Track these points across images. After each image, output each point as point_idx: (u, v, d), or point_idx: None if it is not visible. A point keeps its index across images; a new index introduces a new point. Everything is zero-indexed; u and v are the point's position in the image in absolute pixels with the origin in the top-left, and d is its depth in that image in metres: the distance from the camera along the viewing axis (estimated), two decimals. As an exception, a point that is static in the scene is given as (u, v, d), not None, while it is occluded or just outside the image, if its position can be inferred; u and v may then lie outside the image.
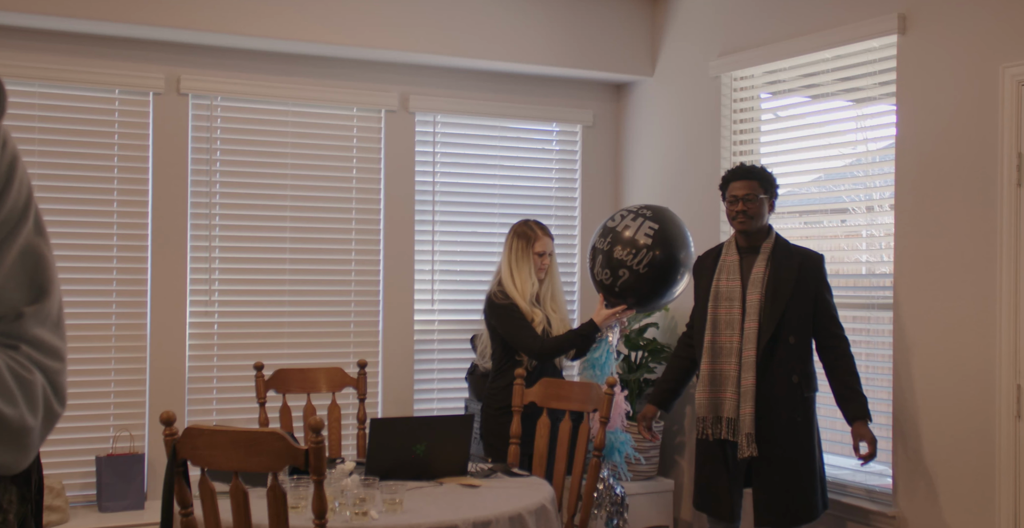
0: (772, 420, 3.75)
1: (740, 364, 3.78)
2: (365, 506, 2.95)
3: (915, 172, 3.94)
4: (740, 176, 3.91)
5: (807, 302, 3.79)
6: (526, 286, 4.23)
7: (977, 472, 3.68)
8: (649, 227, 4.25)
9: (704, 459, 3.93)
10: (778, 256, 3.84)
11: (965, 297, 3.73)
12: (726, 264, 3.91)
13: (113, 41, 4.59)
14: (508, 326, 4.20)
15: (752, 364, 3.73)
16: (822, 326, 3.82)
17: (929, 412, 3.86)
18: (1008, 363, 3.57)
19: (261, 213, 4.92)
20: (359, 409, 4.34)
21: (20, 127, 4.49)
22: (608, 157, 5.73)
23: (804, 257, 3.85)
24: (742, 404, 3.75)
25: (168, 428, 2.73)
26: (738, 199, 3.86)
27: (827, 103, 4.53)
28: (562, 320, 4.33)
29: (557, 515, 3.31)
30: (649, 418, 4.15)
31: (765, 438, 3.75)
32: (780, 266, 3.81)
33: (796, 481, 3.76)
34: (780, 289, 3.77)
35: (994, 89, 3.64)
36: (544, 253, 4.27)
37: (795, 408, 3.76)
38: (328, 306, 5.05)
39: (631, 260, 4.24)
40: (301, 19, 4.68)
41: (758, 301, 3.77)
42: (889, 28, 4.01)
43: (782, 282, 3.78)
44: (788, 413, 3.75)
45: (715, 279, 3.90)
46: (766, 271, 3.81)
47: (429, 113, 5.27)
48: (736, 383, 3.78)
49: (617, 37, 5.39)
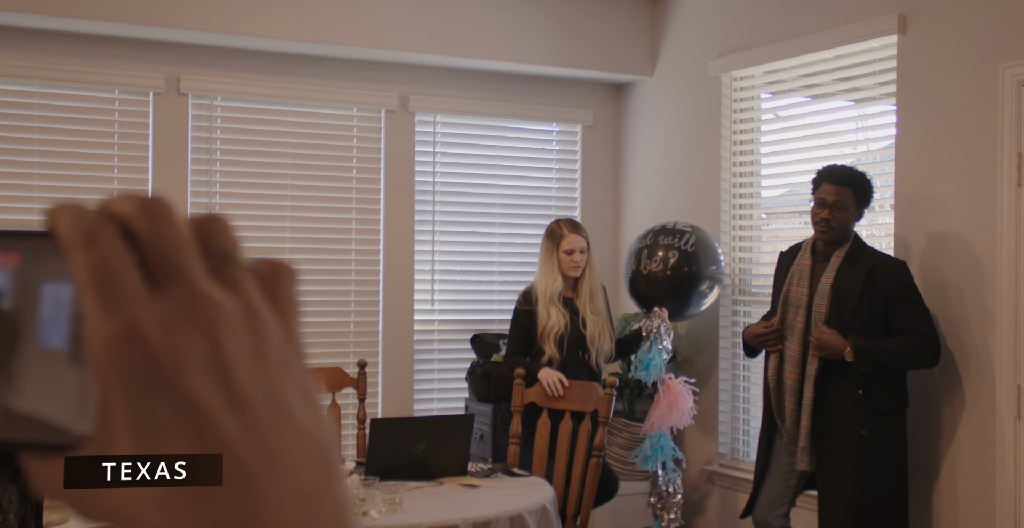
0: (834, 435, 3.52)
1: (803, 375, 3.59)
2: (365, 506, 2.95)
3: (915, 172, 3.93)
4: (835, 180, 3.59)
5: (876, 313, 3.52)
6: (548, 286, 4.18)
7: (977, 472, 3.68)
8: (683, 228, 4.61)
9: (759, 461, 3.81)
10: (848, 266, 3.56)
11: (965, 297, 3.73)
12: (799, 269, 3.68)
13: (113, 41, 4.59)
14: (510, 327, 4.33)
15: (812, 377, 3.54)
16: (897, 326, 3.51)
17: (929, 412, 3.85)
18: (1008, 363, 3.57)
19: (261, 213, 4.92)
20: (359, 409, 4.34)
21: (20, 127, 4.49)
22: (608, 157, 5.73)
23: (877, 265, 3.55)
24: (802, 417, 3.57)
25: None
26: (825, 205, 3.56)
27: (827, 103, 4.53)
28: (598, 320, 4.22)
29: (557, 515, 3.31)
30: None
31: (827, 454, 3.54)
32: (847, 276, 3.55)
33: (861, 500, 3.49)
34: (844, 302, 3.53)
35: (994, 89, 3.63)
36: (573, 250, 4.16)
37: (860, 423, 3.48)
38: (328, 306, 5.05)
39: (677, 242, 4.43)
40: (301, 19, 4.68)
41: (824, 314, 3.56)
42: (889, 28, 4.01)
43: (846, 294, 3.53)
44: (850, 427, 3.49)
45: (787, 283, 3.72)
46: (833, 282, 3.56)
47: (429, 113, 5.26)
48: (797, 394, 3.60)
49: (617, 37, 5.39)
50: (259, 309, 0.38)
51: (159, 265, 0.36)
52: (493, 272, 5.46)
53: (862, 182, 3.61)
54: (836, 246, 3.64)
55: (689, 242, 4.52)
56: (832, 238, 3.61)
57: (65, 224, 0.36)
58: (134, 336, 0.35)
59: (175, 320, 0.35)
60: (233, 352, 0.36)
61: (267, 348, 0.37)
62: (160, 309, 0.35)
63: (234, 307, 0.36)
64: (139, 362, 0.35)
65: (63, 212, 0.36)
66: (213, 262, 0.38)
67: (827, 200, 3.55)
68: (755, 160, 4.86)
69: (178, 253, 0.37)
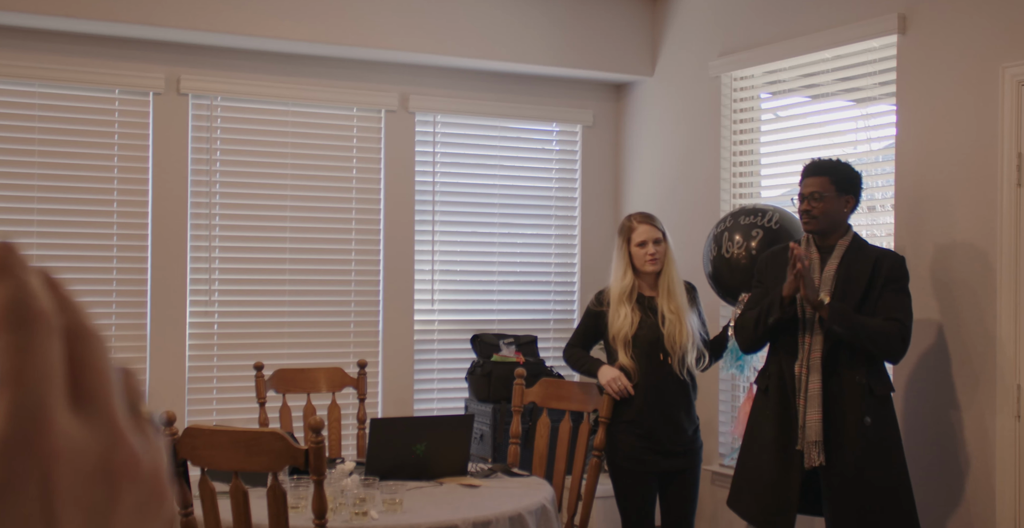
0: (841, 425, 3.43)
1: (809, 366, 3.48)
2: (365, 506, 2.95)
3: (915, 172, 3.93)
4: (809, 172, 3.57)
5: (876, 300, 3.47)
6: (618, 283, 3.86)
7: (977, 472, 3.68)
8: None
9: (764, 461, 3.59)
10: (852, 255, 3.51)
11: (965, 297, 3.73)
12: (809, 261, 3.53)
13: (113, 41, 4.59)
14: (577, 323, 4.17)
15: (818, 366, 3.44)
16: (880, 309, 3.44)
17: (929, 412, 3.85)
18: (1008, 363, 3.57)
19: (261, 213, 4.92)
20: (359, 409, 4.34)
21: (20, 127, 4.49)
22: (608, 157, 5.73)
23: (881, 257, 3.51)
24: (809, 410, 3.44)
25: (168, 428, 2.73)
26: (803, 197, 3.54)
27: (827, 103, 4.53)
28: (674, 318, 3.83)
29: (557, 515, 3.31)
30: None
31: (835, 444, 3.43)
32: (853, 266, 3.49)
33: (870, 493, 3.40)
34: (850, 289, 3.46)
35: (994, 89, 3.64)
36: (646, 242, 3.82)
37: (863, 410, 3.43)
38: (328, 306, 5.05)
39: (761, 220, 4.07)
40: (301, 19, 4.68)
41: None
42: (889, 28, 4.01)
43: (852, 282, 3.47)
44: (856, 415, 3.42)
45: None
46: (837, 269, 3.50)
47: (429, 113, 5.27)
48: (804, 386, 3.47)
49: (617, 37, 5.39)
50: (162, 470, 0.38)
51: (85, 388, 0.36)
52: (493, 272, 5.47)
53: (838, 169, 3.54)
54: (833, 237, 3.56)
55: (773, 219, 4.12)
56: (817, 228, 3.52)
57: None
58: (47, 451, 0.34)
59: (90, 457, 0.35)
60: (128, 502, 0.35)
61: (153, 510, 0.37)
62: (81, 435, 0.35)
63: (146, 460, 0.36)
64: (31, 473, 0.34)
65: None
66: (128, 408, 0.37)
67: (804, 192, 3.53)
68: (755, 160, 4.86)
69: (106, 387, 0.36)
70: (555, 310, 5.59)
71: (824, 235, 3.55)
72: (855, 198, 3.55)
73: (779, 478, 3.51)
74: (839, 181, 3.51)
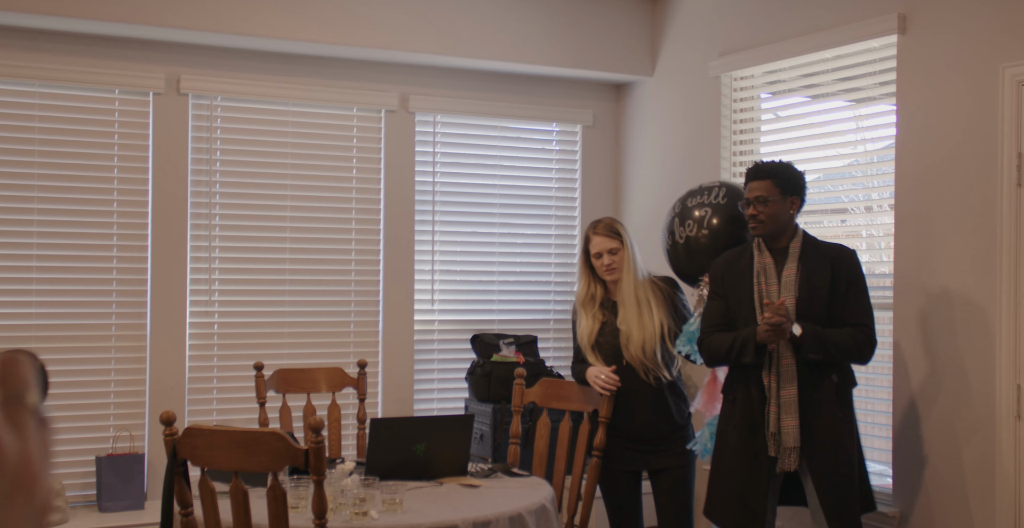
0: (817, 426, 3.44)
1: (779, 373, 3.44)
2: (365, 506, 2.95)
3: (915, 172, 3.93)
4: (752, 176, 3.57)
5: (840, 302, 3.48)
6: (579, 293, 3.94)
7: (977, 472, 3.68)
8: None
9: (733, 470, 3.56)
10: (809, 256, 3.51)
11: (965, 297, 3.73)
12: (762, 267, 3.54)
13: (113, 41, 4.59)
14: None
15: (793, 374, 3.42)
16: (844, 314, 3.47)
17: (929, 412, 3.85)
18: (1008, 363, 3.57)
19: (261, 213, 4.92)
20: (359, 409, 4.34)
21: (20, 127, 4.49)
22: (608, 157, 5.73)
23: (837, 255, 3.52)
24: (783, 416, 3.42)
25: (168, 428, 2.73)
26: (749, 202, 3.53)
27: (827, 103, 4.53)
28: (627, 326, 3.81)
29: (557, 515, 3.31)
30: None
31: (809, 441, 3.44)
32: (813, 267, 3.48)
33: (846, 468, 3.45)
34: (815, 292, 3.45)
35: (994, 89, 3.64)
36: (601, 253, 3.84)
37: (836, 407, 3.46)
38: (328, 306, 5.05)
39: (708, 198, 3.98)
40: (301, 19, 4.68)
41: (792, 305, 3.44)
42: (889, 28, 4.02)
43: (816, 287, 3.46)
44: (829, 413, 3.45)
45: (756, 283, 3.53)
46: (798, 273, 3.48)
47: (429, 113, 5.27)
48: (776, 394, 3.44)
49: (617, 37, 5.39)
50: (32, 460, 0.38)
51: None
52: (493, 272, 5.47)
53: (780, 171, 3.54)
54: (783, 240, 3.55)
55: (719, 195, 4.05)
56: (765, 231, 3.52)
57: None
58: None
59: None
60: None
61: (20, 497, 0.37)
62: None
63: (12, 449, 0.36)
64: None
65: None
66: (3, 398, 0.38)
67: (749, 197, 3.53)
68: (755, 160, 4.86)
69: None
70: (555, 310, 5.59)
71: (773, 238, 3.55)
72: (800, 199, 3.57)
73: (748, 487, 3.51)
74: (783, 183, 3.52)
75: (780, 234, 3.55)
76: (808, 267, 3.49)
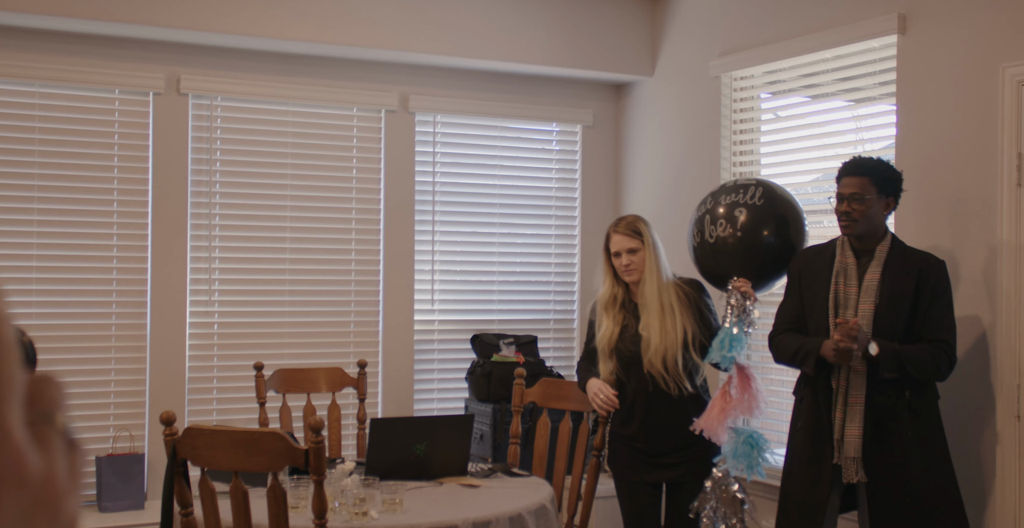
0: (884, 438, 3.27)
1: (849, 379, 3.29)
2: (365, 506, 2.95)
3: (915, 172, 3.93)
4: (849, 171, 3.36)
5: (923, 313, 3.31)
6: (603, 292, 3.73)
7: (977, 472, 3.67)
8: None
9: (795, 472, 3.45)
10: (895, 261, 3.32)
11: (965, 297, 3.72)
12: (843, 267, 3.36)
13: (113, 41, 4.59)
14: None
15: (863, 382, 3.26)
16: (926, 329, 3.29)
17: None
18: (1008, 363, 3.57)
19: (261, 213, 4.92)
20: (359, 409, 4.34)
21: (20, 127, 4.49)
22: (608, 157, 5.73)
23: (925, 263, 3.32)
24: (848, 424, 3.28)
25: (168, 428, 2.73)
26: (843, 198, 3.33)
27: (827, 103, 4.53)
28: (648, 332, 3.60)
29: (557, 515, 3.31)
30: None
31: (876, 458, 3.28)
32: (897, 273, 3.30)
33: (917, 504, 3.27)
34: (898, 299, 3.28)
35: (994, 89, 3.63)
36: (620, 253, 3.64)
37: (908, 425, 3.28)
38: (328, 306, 5.05)
39: (743, 197, 3.73)
40: (301, 19, 4.68)
41: (871, 311, 3.28)
42: (889, 28, 4.01)
43: (900, 291, 3.28)
44: (899, 429, 3.27)
45: (834, 283, 3.36)
46: (881, 278, 3.30)
47: (429, 113, 5.27)
48: (843, 399, 3.30)
49: (617, 37, 5.39)
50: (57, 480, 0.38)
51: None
52: (493, 272, 5.47)
53: (880, 169, 3.34)
54: (871, 241, 3.37)
55: (756, 195, 3.79)
56: (857, 231, 3.33)
57: None
58: None
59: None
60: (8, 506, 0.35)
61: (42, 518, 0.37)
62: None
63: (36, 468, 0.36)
64: None
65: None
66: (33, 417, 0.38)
67: (844, 193, 3.33)
68: (755, 160, 4.86)
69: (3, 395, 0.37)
70: (555, 310, 5.59)
71: (861, 239, 3.37)
72: (896, 200, 3.39)
73: (809, 493, 3.37)
74: (880, 182, 3.33)
75: (871, 235, 3.36)
76: (893, 273, 3.30)
